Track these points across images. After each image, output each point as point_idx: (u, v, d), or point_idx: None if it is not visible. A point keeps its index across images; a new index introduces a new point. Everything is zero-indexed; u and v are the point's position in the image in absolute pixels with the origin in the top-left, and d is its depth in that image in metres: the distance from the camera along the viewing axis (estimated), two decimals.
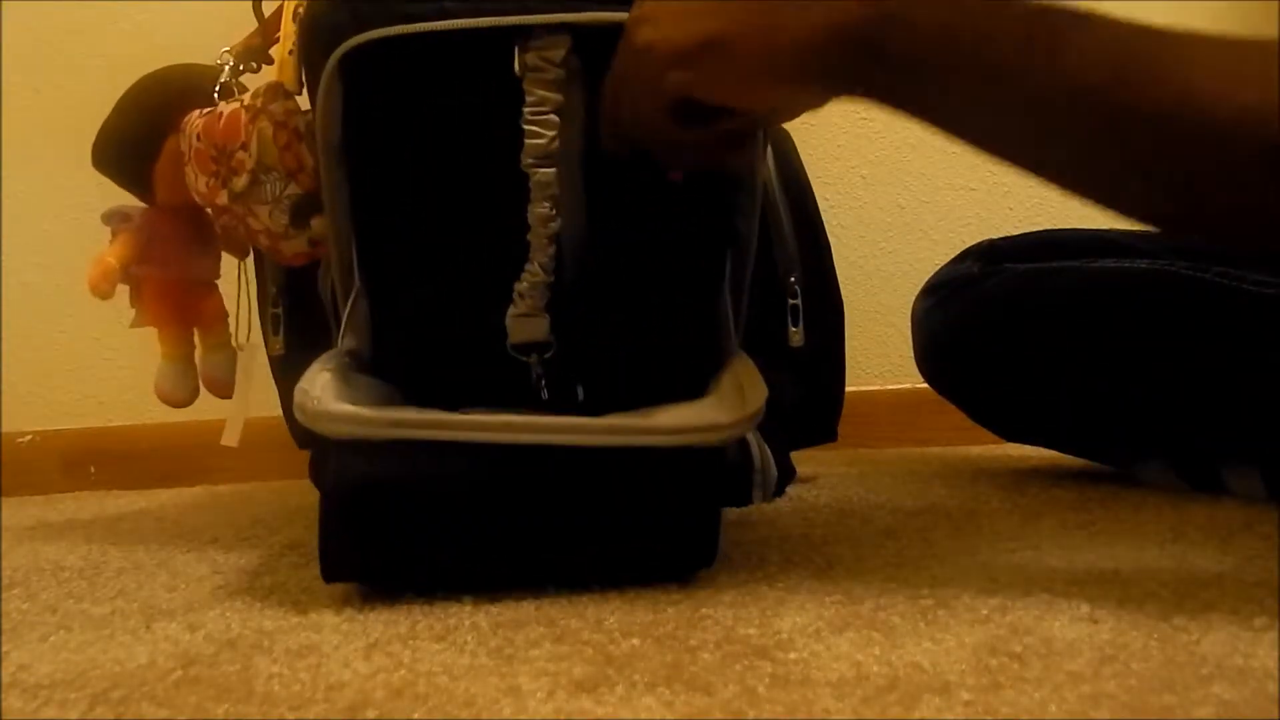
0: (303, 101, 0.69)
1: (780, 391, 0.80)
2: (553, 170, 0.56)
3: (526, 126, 0.56)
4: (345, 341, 0.61)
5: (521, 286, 0.57)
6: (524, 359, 0.59)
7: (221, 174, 0.67)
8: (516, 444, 0.53)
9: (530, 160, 0.56)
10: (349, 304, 0.61)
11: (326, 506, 0.55)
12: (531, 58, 0.55)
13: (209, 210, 0.71)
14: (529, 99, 0.56)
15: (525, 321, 0.58)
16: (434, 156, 0.59)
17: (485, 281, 0.58)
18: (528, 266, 0.58)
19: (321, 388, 0.55)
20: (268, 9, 0.73)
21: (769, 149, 0.82)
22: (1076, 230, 0.85)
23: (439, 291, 0.60)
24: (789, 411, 0.81)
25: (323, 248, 0.69)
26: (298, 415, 0.55)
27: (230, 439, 0.86)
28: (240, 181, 0.66)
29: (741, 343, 0.67)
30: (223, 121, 0.67)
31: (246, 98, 0.68)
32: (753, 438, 0.78)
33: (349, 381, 0.58)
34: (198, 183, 0.69)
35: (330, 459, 0.55)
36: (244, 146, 0.66)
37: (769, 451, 0.79)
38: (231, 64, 0.72)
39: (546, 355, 0.59)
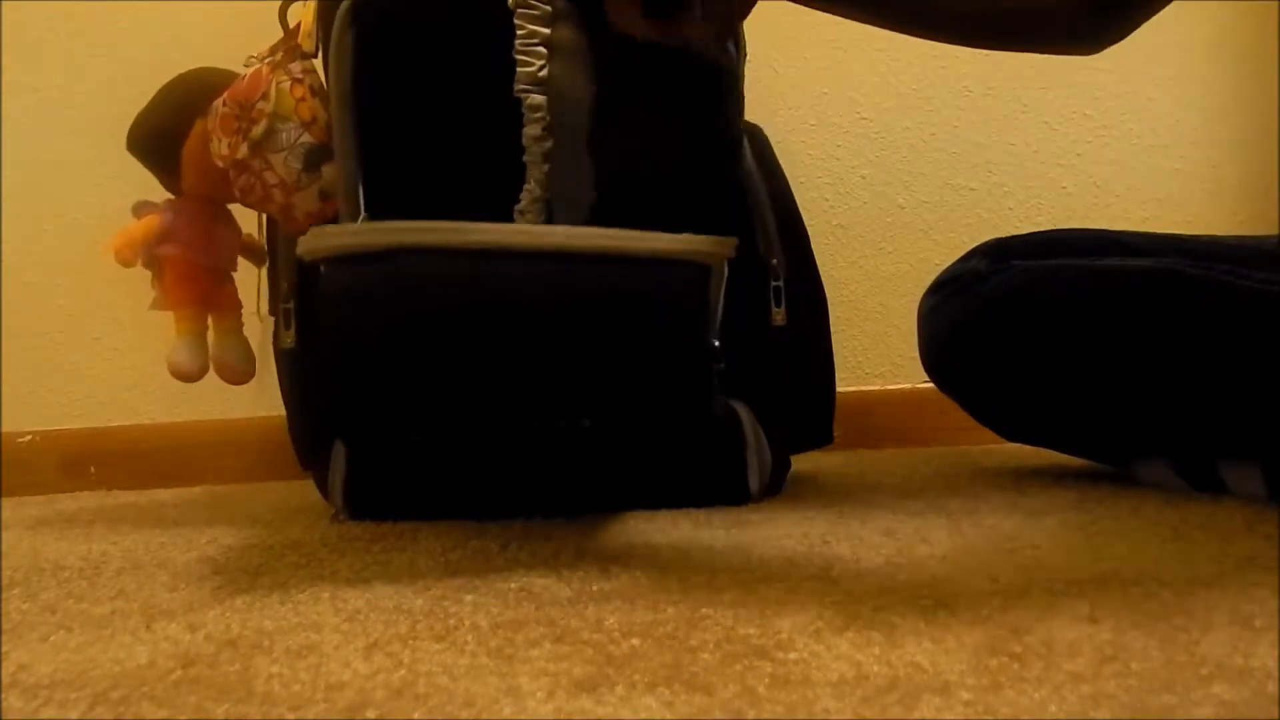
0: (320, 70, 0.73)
1: (767, 376, 0.82)
2: (543, 96, 0.62)
3: (518, 56, 0.62)
4: None
5: (521, 205, 0.61)
6: None
7: (242, 127, 0.72)
8: (504, 247, 0.55)
9: (522, 86, 0.62)
10: None
11: (319, 332, 0.57)
12: None
13: (230, 171, 0.75)
14: (519, 32, 0.62)
15: None
16: (436, 92, 0.64)
17: (486, 215, 0.61)
18: (525, 185, 0.63)
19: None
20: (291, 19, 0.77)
21: (745, 141, 0.84)
22: (1083, 230, 0.85)
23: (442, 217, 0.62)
24: (779, 398, 0.82)
25: (332, 204, 0.73)
26: (299, 251, 0.57)
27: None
28: (259, 129, 0.71)
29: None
30: (246, 80, 0.74)
31: (268, 58, 0.74)
32: (745, 414, 0.78)
33: None
34: (220, 146, 0.75)
35: (321, 283, 0.56)
36: (264, 96, 0.72)
37: (762, 433, 0.79)
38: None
39: None
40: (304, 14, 0.74)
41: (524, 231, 0.57)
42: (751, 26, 0.74)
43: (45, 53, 1.20)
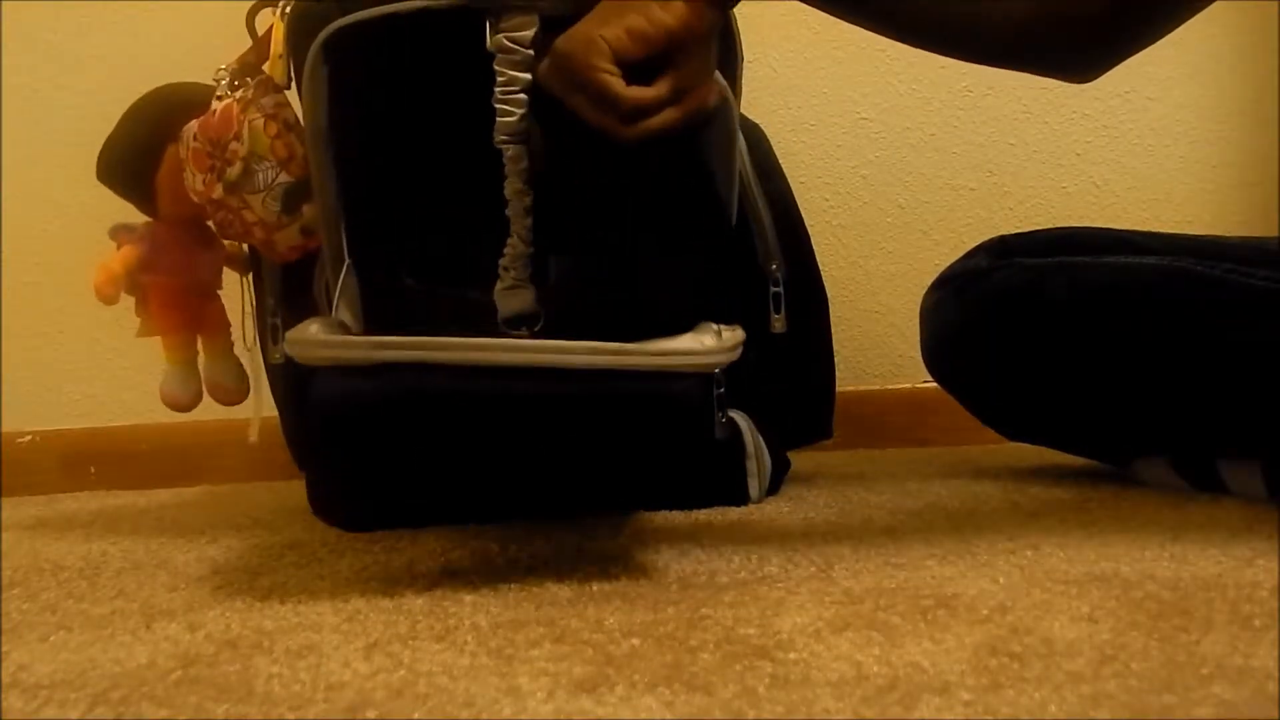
0: (293, 99, 0.71)
1: (767, 381, 0.81)
2: (524, 147, 0.59)
3: (497, 105, 0.58)
4: (338, 315, 0.63)
5: (504, 260, 0.60)
6: (515, 334, 0.60)
7: (217, 167, 0.70)
8: (494, 365, 0.54)
9: (502, 137, 0.59)
10: (340, 279, 0.63)
11: (309, 434, 0.56)
12: (500, 39, 0.58)
13: (207, 207, 0.73)
14: (499, 79, 0.58)
15: (512, 294, 0.60)
16: (415, 134, 0.62)
17: (472, 256, 0.60)
18: (508, 240, 0.60)
19: (308, 330, 0.58)
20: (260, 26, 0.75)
21: (742, 140, 0.84)
22: (1087, 228, 0.85)
23: (427, 266, 0.61)
24: (778, 401, 0.82)
25: (315, 239, 0.71)
26: (288, 349, 0.56)
27: (253, 435, 0.88)
28: (234, 171, 0.69)
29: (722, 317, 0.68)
30: (216, 117, 0.70)
31: (238, 93, 0.71)
32: (744, 423, 0.78)
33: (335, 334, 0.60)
34: (195, 181, 0.72)
35: (312, 386, 0.56)
36: (237, 137, 0.69)
37: (762, 440, 0.79)
38: (227, 80, 0.74)
39: (536, 328, 0.60)
40: (274, 27, 0.72)
41: (516, 348, 0.55)
42: (752, 26, 0.74)
43: (45, 53, 1.20)
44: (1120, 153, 1.23)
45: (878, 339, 1.22)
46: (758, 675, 0.39)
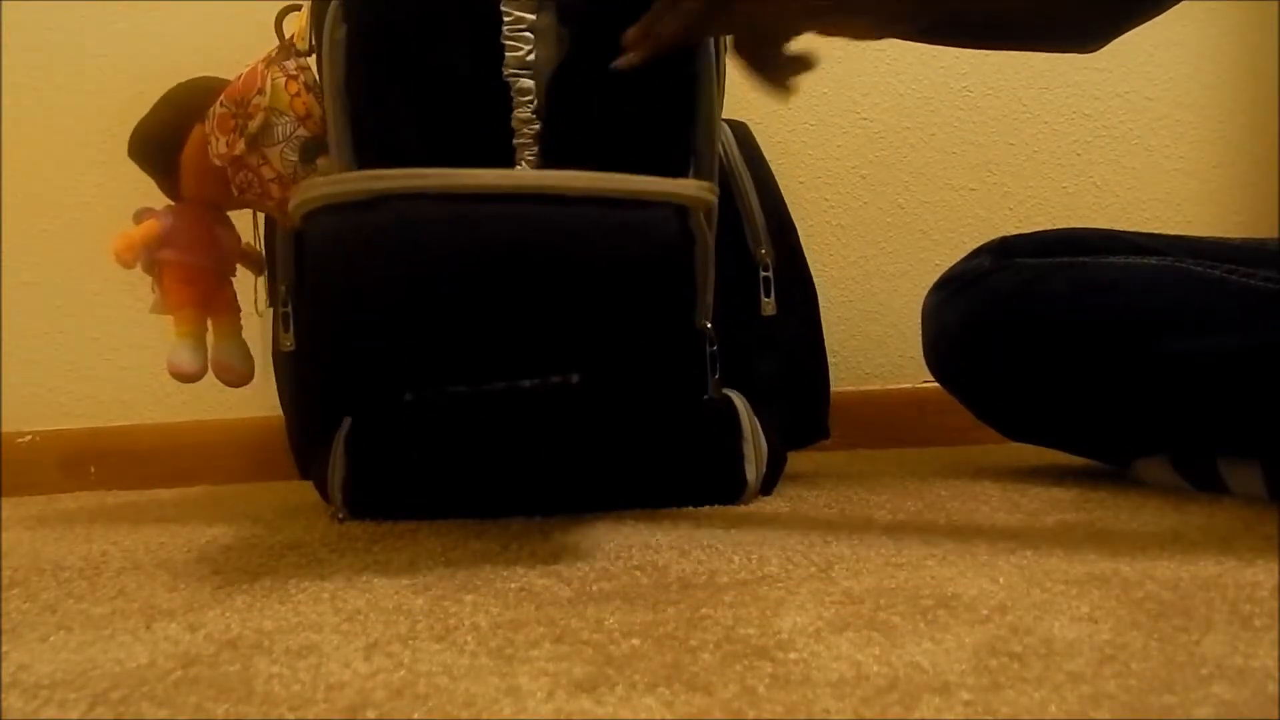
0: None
1: (759, 366, 0.82)
2: (531, 80, 0.65)
3: (506, 41, 0.65)
4: None
5: None
6: None
7: (239, 124, 0.74)
8: (488, 189, 0.57)
9: (511, 70, 0.65)
10: None
11: (308, 285, 0.59)
12: None
13: (228, 169, 0.77)
14: (507, 18, 0.65)
15: None
16: (426, 83, 0.67)
17: None
18: (517, 168, 0.65)
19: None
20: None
21: (729, 131, 0.86)
22: (1089, 229, 0.86)
23: None
24: (772, 388, 0.83)
25: None
26: (292, 211, 0.58)
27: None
28: (255, 124, 0.73)
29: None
30: (242, 79, 0.76)
31: (262, 54, 0.76)
32: (740, 403, 0.79)
33: None
34: (219, 145, 0.76)
35: (307, 231, 0.57)
36: (260, 91, 0.74)
37: (759, 425, 0.79)
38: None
39: None
40: (299, 20, 0.76)
41: (507, 175, 0.60)
42: None
43: (45, 53, 1.20)
44: (1120, 153, 1.24)
45: (878, 339, 1.22)
46: (758, 675, 0.39)
